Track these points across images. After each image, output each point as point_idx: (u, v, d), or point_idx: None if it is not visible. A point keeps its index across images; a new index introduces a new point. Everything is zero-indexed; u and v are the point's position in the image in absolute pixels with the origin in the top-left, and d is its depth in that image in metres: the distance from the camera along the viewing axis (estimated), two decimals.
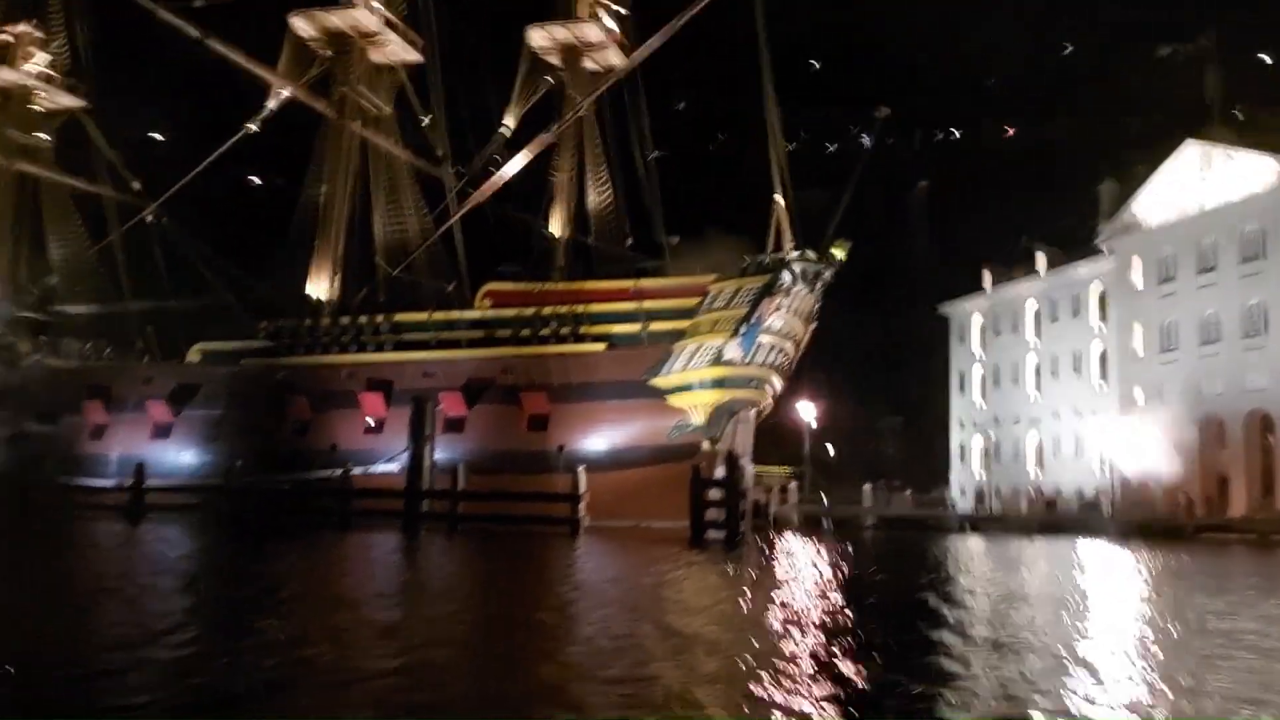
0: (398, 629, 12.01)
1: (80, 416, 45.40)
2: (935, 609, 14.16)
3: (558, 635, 11.69)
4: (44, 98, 55.96)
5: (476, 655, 10.58)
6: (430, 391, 40.59)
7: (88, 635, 10.91)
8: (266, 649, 10.07)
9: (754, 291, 38.98)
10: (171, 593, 15.72)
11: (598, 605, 14.82)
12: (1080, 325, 74.20)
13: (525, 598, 15.87)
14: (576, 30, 45.53)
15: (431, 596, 16.85)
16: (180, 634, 10.91)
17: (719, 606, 14.84)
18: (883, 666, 9.52)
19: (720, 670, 9.44)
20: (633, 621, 12.86)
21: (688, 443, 40.07)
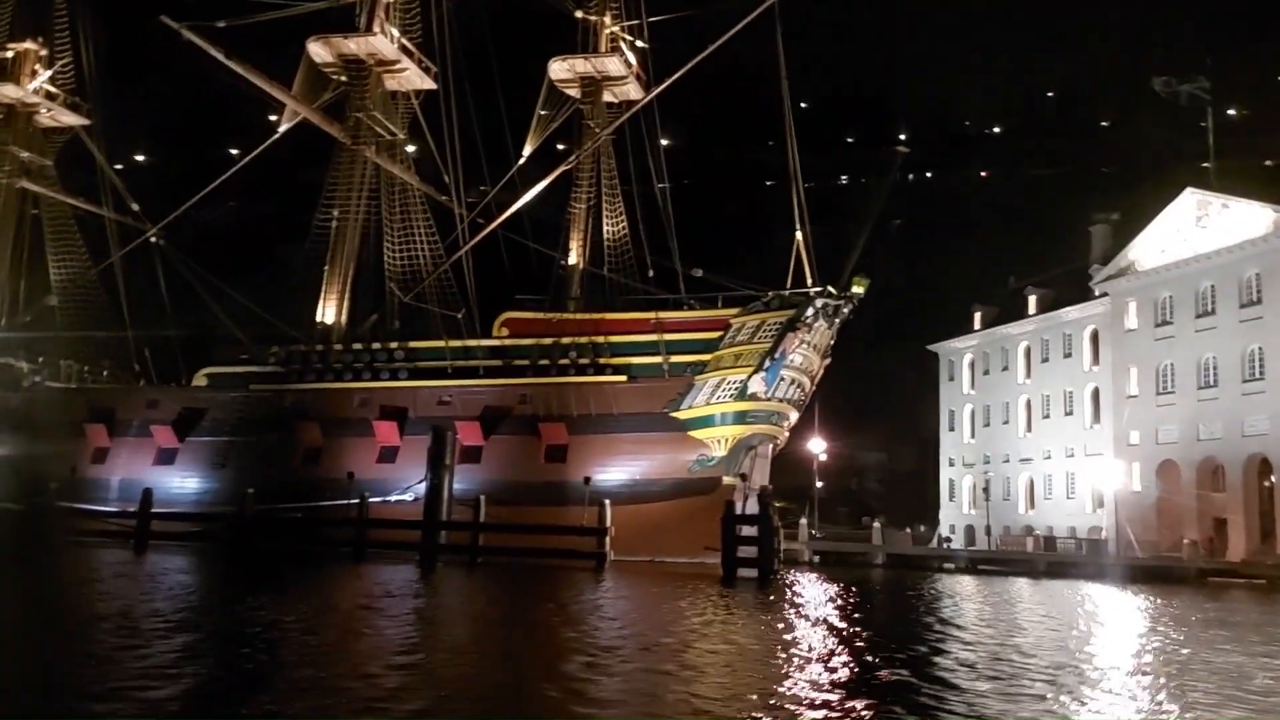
0: (434, 681, 11.08)
1: (81, 439, 44.18)
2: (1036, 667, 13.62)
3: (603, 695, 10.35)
4: (47, 115, 55.18)
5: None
6: (445, 420, 39.93)
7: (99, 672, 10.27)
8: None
9: (778, 326, 38.82)
10: (179, 629, 14.91)
11: (645, 656, 13.73)
12: (1073, 366, 74.72)
13: (562, 646, 14.48)
14: (598, 63, 45.54)
15: (463, 642, 15.58)
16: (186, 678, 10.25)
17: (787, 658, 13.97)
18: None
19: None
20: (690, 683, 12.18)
21: (709, 477, 39.66)
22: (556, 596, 23.26)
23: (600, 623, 16.89)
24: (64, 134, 56.43)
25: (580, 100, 47.00)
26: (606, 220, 45.97)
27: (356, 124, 48.74)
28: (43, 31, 55.22)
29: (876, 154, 59.18)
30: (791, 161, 41.56)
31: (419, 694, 9.96)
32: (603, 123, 46.25)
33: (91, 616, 14.91)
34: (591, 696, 9.33)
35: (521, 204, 46.22)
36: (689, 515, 39.40)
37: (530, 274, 48.61)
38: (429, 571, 32.10)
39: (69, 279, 53.83)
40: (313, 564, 33.24)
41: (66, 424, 44.17)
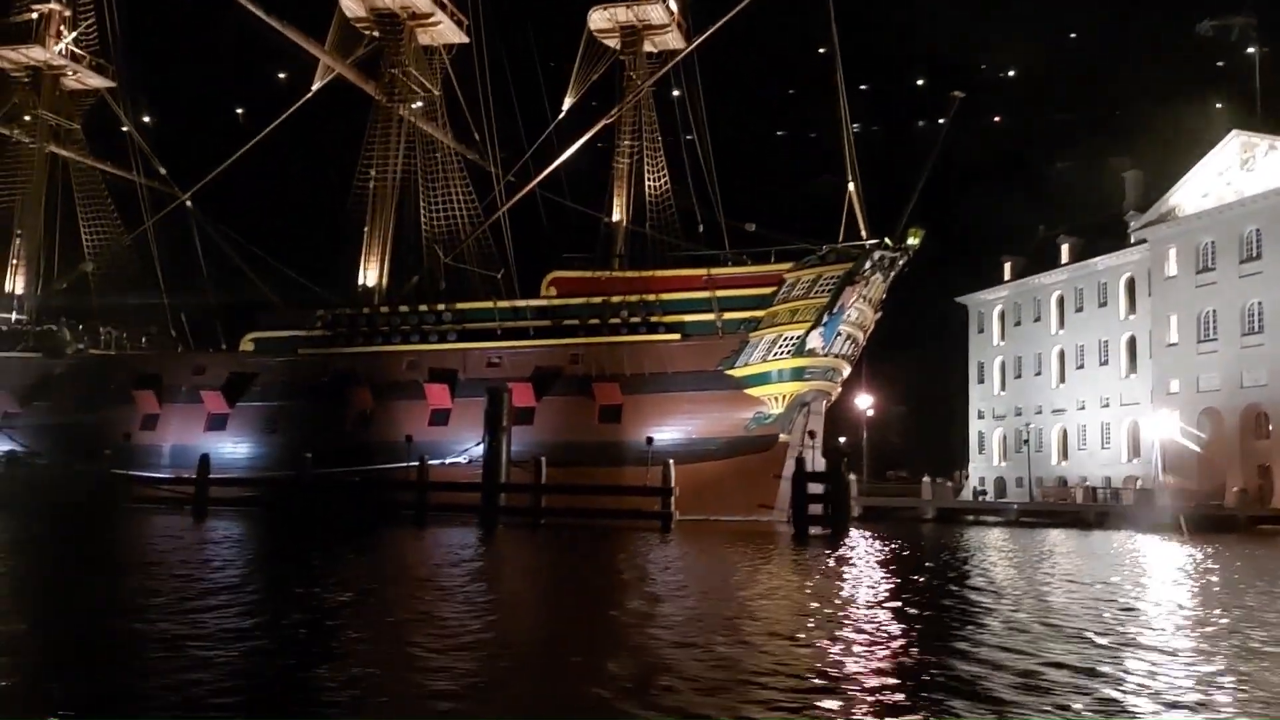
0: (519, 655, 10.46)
1: (129, 406, 43.87)
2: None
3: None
4: (73, 78, 54.23)
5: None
6: (496, 382, 39.49)
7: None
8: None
9: (835, 280, 38.14)
10: (254, 596, 14.55)
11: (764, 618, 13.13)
12: (1108, 315, 74.00)
13: (646, 615, 13.39)
14: (639, 11, 44.36)
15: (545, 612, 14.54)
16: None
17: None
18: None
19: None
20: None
21: (765, 434, 39.25)
22: (630, 560, 22.81)
23: (682, 589, 16.33)
24: (90, 97, 55.52)
25: (620, 51, 45.89)
26: (649, 175, 45.12)
27: (391, 80, 47.76)
28: None
29: (927, 100, 58.19)
30: (842, 110, 40.61)
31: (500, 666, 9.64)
32: (644, 74, 45.20)
33: (151, 588, 14.54)
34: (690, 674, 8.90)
35: (561, 161, 45.33)
36: (744, 473, 39.13)
37: (569, 232, 47.92)
38: (492, 534, 31.86)
39: (102, 245, 53.29)
40: (375, 528, 33.03)
41: (114, 390, 43.84)
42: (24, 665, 8.62)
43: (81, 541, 25.61)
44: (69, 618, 11.45)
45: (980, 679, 8.65)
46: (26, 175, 52.64)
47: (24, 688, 7.95)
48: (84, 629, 10.74)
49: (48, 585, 14.85)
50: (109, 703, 7.57)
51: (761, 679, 8.32)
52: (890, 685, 8.39)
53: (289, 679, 8.82)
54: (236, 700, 7.78)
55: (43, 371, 45.71)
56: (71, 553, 22.22)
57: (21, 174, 52.76)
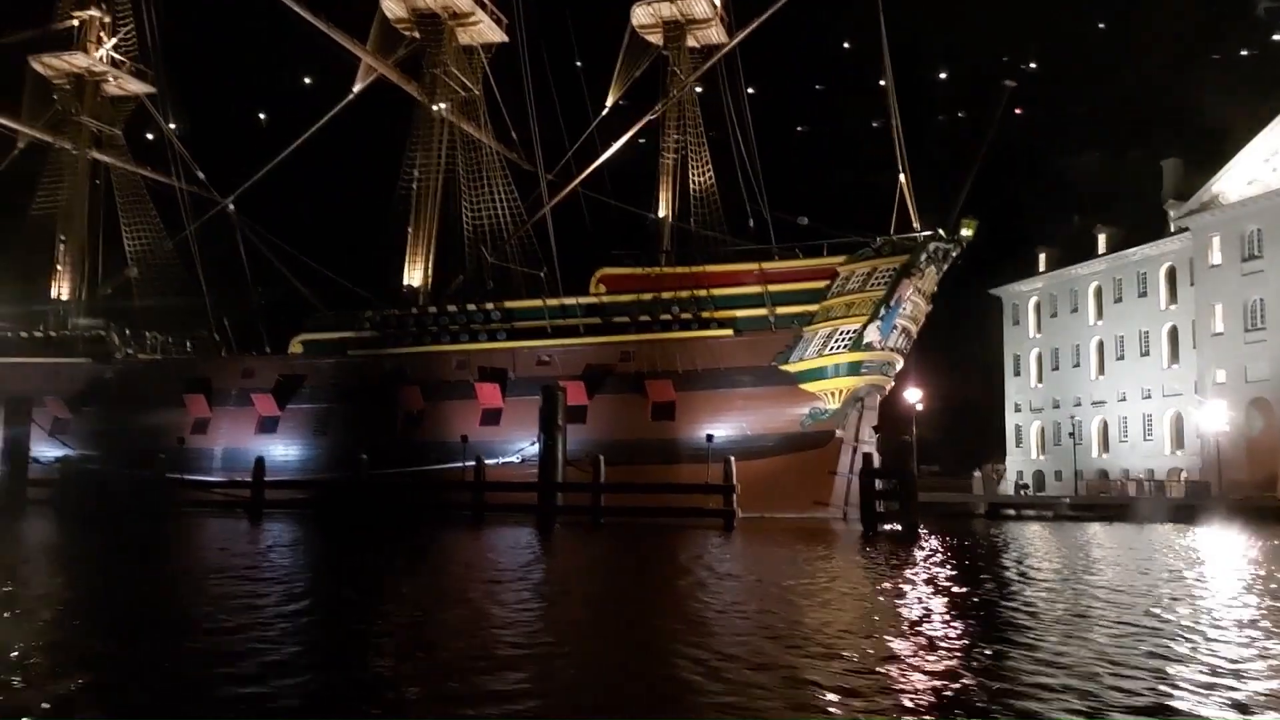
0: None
1: (180, 410, 43.87)
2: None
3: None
4: (114, 84, 54.36)
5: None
6: (546, 380, 39.23)
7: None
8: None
9: (891, 272, 37.64)
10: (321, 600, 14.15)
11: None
12: (1148, 305, 73.09)
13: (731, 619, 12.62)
14: (683, 5, 43.95)
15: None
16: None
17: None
18: None
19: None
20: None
21: (822, 430, 38.80)
22: (699, 560, 22.25)
23: (764, 592, 15.58)
24: (130, 103, 55.62)
25: (663, 47, 45.52)
26: (694, 171, 44.74)
27: (433, 80, 47.58)
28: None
29: (974, 90, 57.45)
30: (892, 102, 40.07)
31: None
32: (687, 69, 44.83)
33: (217, 595, 14.22)
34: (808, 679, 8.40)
35: (606, 158, 45.02)
36: (799, 470, 38.71)
37: (611, 230, 47.58)
38: (550, 535, 31.55)
39: (145, 250, 53.38)
40: (434, 529, 32.79)
41: (165, 395, 43.85)
42: (110, 688, 8.17)
43: (149, 549, 25.34)
44: (156, 633, 10.99)
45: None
46: (70, 182, 52.81)
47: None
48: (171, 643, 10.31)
49: (126, 597, 14.35)
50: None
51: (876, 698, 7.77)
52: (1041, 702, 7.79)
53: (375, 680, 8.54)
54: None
55: (92, 376, 45.81)
56: (143, 560, 21.89)
57: (65, 180, 52.94)
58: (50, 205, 52.30)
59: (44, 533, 30.86)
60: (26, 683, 7.97)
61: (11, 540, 27.74)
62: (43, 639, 9.98)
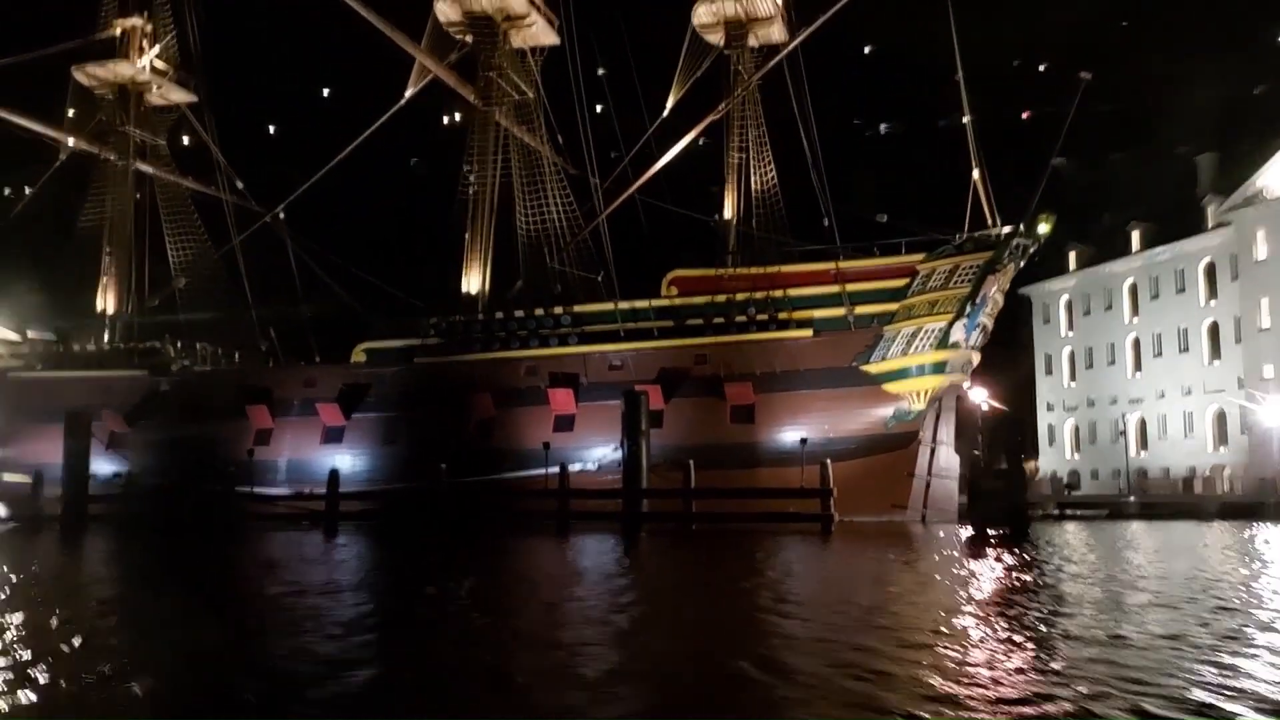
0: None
1: (242, 422, 42.81)
2: None
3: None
4: (157, 93, 53.44)
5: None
6: (619, 385, 38.31)
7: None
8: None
9: (975, 269, 36.79)
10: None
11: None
12: (1186, 301, 72.23)
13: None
14: (747, 3, 43.16)
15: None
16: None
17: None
18: None
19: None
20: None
21: (907, 431, 37.90)
22: (810, 569, 21.13)
23: (907, 608, 14.23)
24: (173, 112, 54.76)
25: (724, 47, 44.69)
26: (758, 171, 43.90)
27: (487, 84, 46.69)
28: (147, 5, 53.40)
29: (1043, 84, 56.91)
30: (964, 98, 39.27)
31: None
32: (750, 69, 44.02)
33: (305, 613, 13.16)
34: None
35: (667, 160, 44.15)
36: (878, 472, 37.79)
37: (669, 232, 46.73)
38: (637, 543, 30.55)
39: (190, 260, 52.41)
40: (520, 538, 31.78)
41: (225, 406, 42.80)
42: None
43: (244, 566, 23.98)
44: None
45: None
46: (115, 193, 51.86)
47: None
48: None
49: (232, 620, 12.95)
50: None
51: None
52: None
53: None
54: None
55: (149, 389, 44.78)
56: (245, 579, 20.46)
57: (110, 192, 51.99)
58: (96, 217, 51.32)
59: (119, 551, 29.78)
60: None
61: (99, 558, 26.69)
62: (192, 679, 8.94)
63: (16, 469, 45.21)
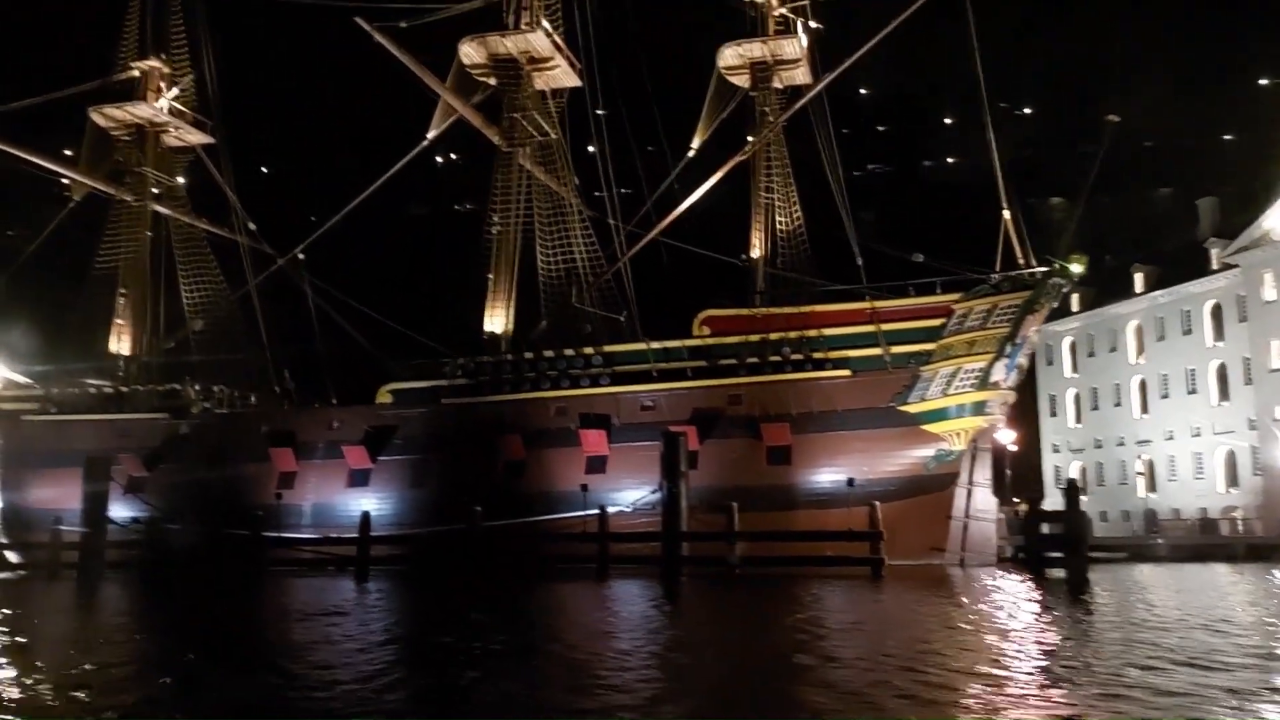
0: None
1: (265, 465, 41.77)
2: None
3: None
4: (174, 134, 53.00)
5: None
6: (652, 425, 37.68)
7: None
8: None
9: (1014, 309, 36.48)
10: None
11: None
12: (1193, 343, 72.36)
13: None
14: (774, 45, 43.21)
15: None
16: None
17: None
18: None
19: None
20: None
21: (947, 473, 37.32)
22: (870, 616, 20.29)
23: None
24: (189, 154, 54.29)
25: (750, 89, 44.70)
26: (784, 211, 43.70)
27: (511, 125, 46.49)
28: (164, 48, 53.15)
29: (1070, 125, 57.33)
30: (990, 138, 39.29)
31: None
32: (775, 110, 44.01)
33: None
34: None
35: (694, 200, 43.92)
36: (916, 514, 37.11)
37: (691, 272, 46.37)
38: (678, 587, 29.71)
39: (205, 302, 51.61)
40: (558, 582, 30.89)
41: (248, 449, 41.80)
42: None
43: (271, 617, 22.60)
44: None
45: None
46: (131, 234, 51.17)
47: None
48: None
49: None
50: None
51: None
52: None
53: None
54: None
55: (169, 432, 43.73)
56: (272, 632, 19.07)
57: (125, 233, 51.29)
58: (111, 259, 50.56)
59: (142, 600, 28.73)
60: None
61: (120, 608, 25.63)
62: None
63: (30, 513, 44.10)
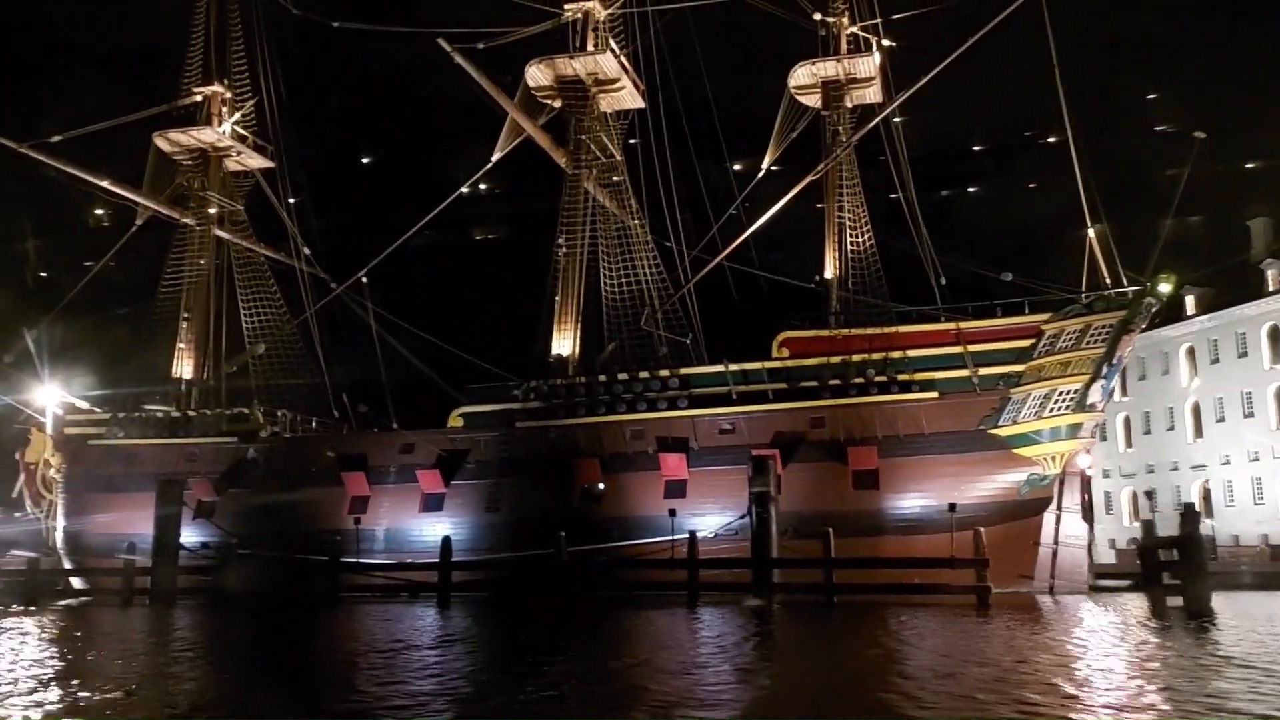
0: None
1: (337, 489, 40.94)
2: None
3: None
4: (236, 159, 52.74)
5: None
6: (731, 449, 36.70)
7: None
8: None
9: (1109, 329, 35.35)
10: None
11: None
12: (1250, 366, 70.76)
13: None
14: (848, 64, 42.50)
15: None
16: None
17: None
18: None
19: None
20: None
21: (1041, 497, 36.07)
22: (1006, 653, 18.97)
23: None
24: (249, 179, 54.06)
25: (821, 108, 43.96)
26: (856, 232, 42.80)
27: (578, 147, 45.90)
28: (225, 73, 53.04)
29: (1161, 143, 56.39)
30: (1074, 156, 38.25)
31: None
32: (848, 130, 43.25)
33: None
34: None
35: (765, 220, 43.04)
36: (1003, 540, 35.80)
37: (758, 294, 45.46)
38: (770, 616, 28.59)
39: (265, 327, 51.09)
40: (649, 610, 29.80)
41: (319, 473, 40.99)
42: None
43: (363, 649, 21.28)
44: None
45: None
46: (193, 259, 50.80)
47: None
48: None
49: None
50: None
51: None
52: None
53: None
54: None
55: (237, 456, 43.03)
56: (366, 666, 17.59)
57: (188, 258, 50.92)
58: (175, 284, 50.19)
59: (224, 628, 27.81)
60: None
61: (200, 637, 24.67)
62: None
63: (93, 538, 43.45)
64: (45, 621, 28.39)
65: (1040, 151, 41.36)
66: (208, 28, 52.57)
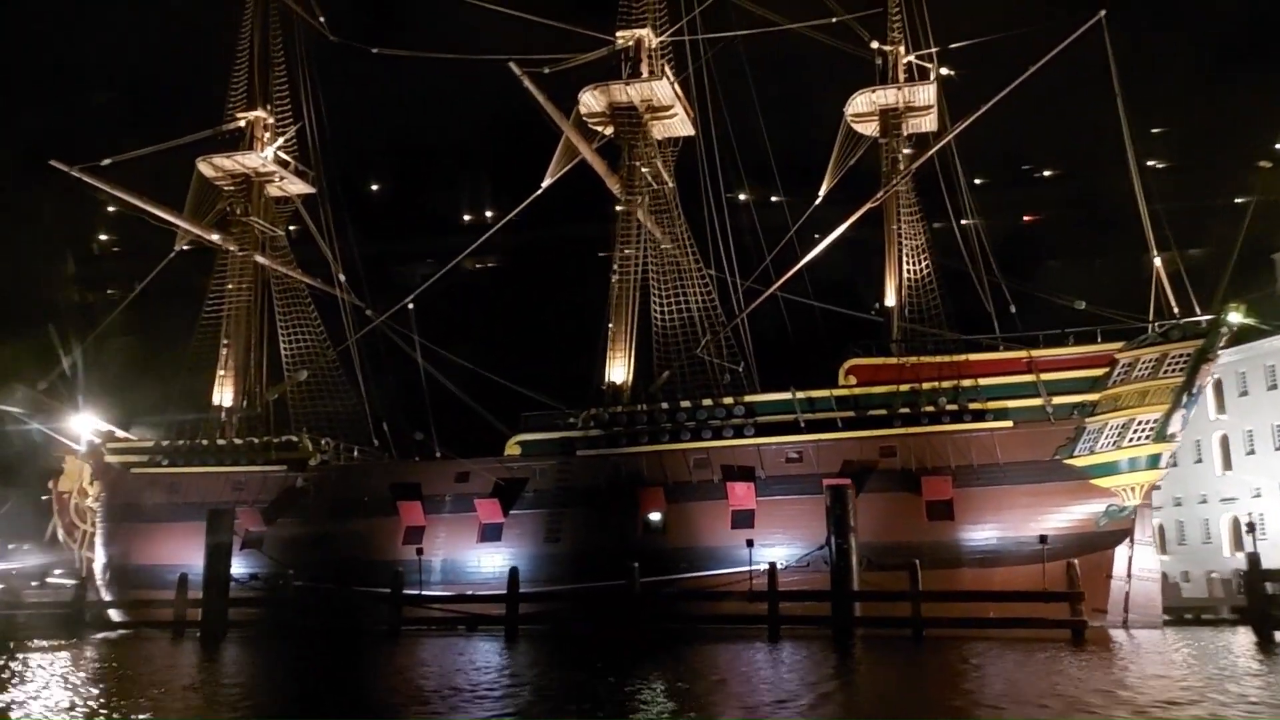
0: None
1: (391, 518, 39.71)
2: None
3: None
4: (278, 184, 52.00)
5: None
6: (799, 478, 35.74)
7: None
8: None
9: (1187, 358, 34.66)
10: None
11: None
12: (1279, 398, 70.22)
13: None
14: (908, 92, 42.12)
15: None
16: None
17: None
18: None
19: None
20: None
21: (1120, 529, 35.14)
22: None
23: None
24: (290, 204, 53.28)
25: (879, 136, 43.49)
26: (914, 259, 42.16)
27: (631, 173, 45.28)
28: (268, 98, 52.44)
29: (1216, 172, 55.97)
30: (1137, 182, 37.80)
31: None
32: (906, 158, 42.75)
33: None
34: None
35: (821, 250, 42.42)
36: (1084, 572, 34.80)
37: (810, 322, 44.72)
38: (850, 651, 27.52)
39: (305, 353, 50.04)
40: (728, 644, 28.71)
41: (371, 502, 39.80)
42: None
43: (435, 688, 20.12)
44: None
45: None
46: (235, 285, 49.85)
47: None
48: None
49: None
50: None
51: None
52: None
53: None
54: None
55: (286, 485, 41.80)
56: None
57: (230, 284, 49.98)
58: (217, 309, 49.21)
59: (292, 665, 26.58)
60: None
61: (265, 679, 23.46)
62: None
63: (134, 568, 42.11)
64: (87, 656, 27.20)
65: (1103, 177, 40.76)
66: (251, 53, 52.02)
